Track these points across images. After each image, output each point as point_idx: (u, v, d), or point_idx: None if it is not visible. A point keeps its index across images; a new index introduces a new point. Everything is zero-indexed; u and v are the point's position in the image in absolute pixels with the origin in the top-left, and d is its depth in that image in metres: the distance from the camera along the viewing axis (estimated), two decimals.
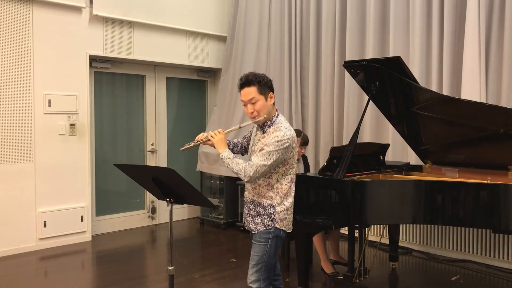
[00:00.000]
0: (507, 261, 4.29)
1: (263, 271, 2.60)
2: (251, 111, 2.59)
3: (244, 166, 2.53)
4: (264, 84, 2.59)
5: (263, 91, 2.58)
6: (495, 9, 4.27)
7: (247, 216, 2.72)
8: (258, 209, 2.63)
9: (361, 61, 3.49)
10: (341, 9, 5.41)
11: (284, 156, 2.54)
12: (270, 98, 2.60)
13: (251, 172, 2.50)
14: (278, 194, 2.60)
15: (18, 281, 4.10)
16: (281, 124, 2.58)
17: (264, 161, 2.49)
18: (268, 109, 2.60)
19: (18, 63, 4.87)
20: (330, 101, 5.54)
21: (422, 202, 3.16)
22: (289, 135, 2.53)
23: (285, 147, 2.51)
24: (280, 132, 2.52)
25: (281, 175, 2.60)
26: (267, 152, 2.50)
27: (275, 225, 2.59)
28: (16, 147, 4.87)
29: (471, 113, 3.37)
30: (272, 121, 2.62)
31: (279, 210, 2.59)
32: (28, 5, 4.91)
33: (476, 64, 4.22)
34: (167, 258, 4.72)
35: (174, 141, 6.43)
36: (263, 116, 2.58)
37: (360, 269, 3.78)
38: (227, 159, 2.58)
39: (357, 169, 3.79)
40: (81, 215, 5.29)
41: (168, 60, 6.09)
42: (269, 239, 2.59)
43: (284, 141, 2.50)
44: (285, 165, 2.59)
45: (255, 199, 2.66)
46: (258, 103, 2.57)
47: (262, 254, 2.60)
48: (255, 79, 2.57)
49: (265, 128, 2.63)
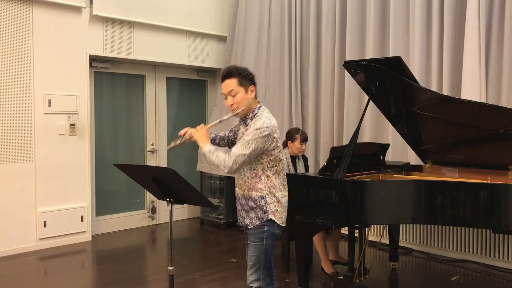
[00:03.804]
0: (507, 261, 4.29)
1: (262, 269, 2.60)
2: (230, 103, 2.60)
3: (224, 157, 2.52)
4: (244, 76, 2.59)
5: (243, 83, 2.58)
6: (495, 9, 4.27)
7: (241, 212, 2.72)
8: (250, 203, 2.62)
9: (361, 61, 3.48)
10: (341, 9, 5.41)
11: (265, 146, 2.52)
12: (251, 91, 2.61)
13: (230, 162, 2.50)
14: (266, 185, 2.58)
15: (18, 281, 4.10)
16: (262, 115, 2.58)
17: (242, 151, 2.48)
18: (248, 101, 2.60)
19: (18, 63, 4.87)
20: (330, 101, 5.54)
21: (422, 202, 3.16)
22: (268, 123, 2.52)
23: (264, 135, 2.49)
24: (260, 121, 2.52)
25: (266, 167, 2.58)
26: (246, 141, 2.49)
27: (269, 216, 2.58)
28: (16, 147, 4.87)
29: (471, 113, 3.37)
30: (253, 113, 2.62)
31: (269, 201, 2.58)
32: (28, 5, 4.91)
33: (476, 64, 4.22)
34: (167, 258, 4.72)
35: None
36: (241, 109, 2.58)
37: (360, 269, 3.77)
38: (208, 152, 2.57)
39: (357, 169, 3.79)
40: (81, 215, 5.29)
41: (168, 60, 6.09)
42: (264, 238, 2.59)
43: (263, 129, 2.49)
44: (269, 156, 2.57)
45: (245, 193, 2.65)
46: (238, 95, 2.57)
47: (258, 253, 2.60)
48: (236, 71, 2.59)
49: (247, 121, 2.64)
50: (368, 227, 3.76)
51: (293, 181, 3.42)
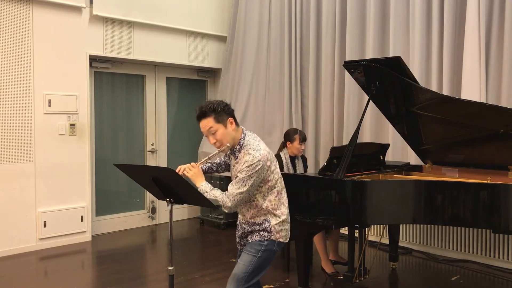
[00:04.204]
0: (507, 261, 4.29)
1: (243, 282, 2.51)
2: (213, 142, 2.54)
3: (222, 197, 2.49)
4: (220, 111, 2.50)
5: (220, 119, 2.50)
6: (495, 10, 4.27)
7: (242, 235, 2.65)
8: (253, 227, 2.58)
9: (361, 61, 3.49)
10: (341, 9, 5.41)
11: (260, 178, 2.48)
12: (230, 124, 2.52)
13: (228, 202, 2.47)
14: (269, 212, 2.54)
15: (18, 281, 4.10)
16: (249, 147, 2.50)
17: (239, 189, 2.45)
18: (231, 135, 2.52)
19: (18, 63, 4.87)
20: (330, 101, 5.54)
21: (422, 202, 3.16)
22: (258, 156, 2.44)
23: (257, 169, 2.43)
24: (249, 156, 2.45)
25: (267, 193, 2.54)
26: (240, 179, 2.45)
27: (271, 237, 2.53)
28: (16, 147, 4.87)
29: (471, 113, 3.37)
30: (240, 144, 2.54)
31: (274, 223, 2.54)
32: (28, 5, 4.91)
33: (476, 64, 4.22)
34: (167, 258, 4.72)
35: (174, 141, 6.44)
36: (226, 145, 2.53)
37: (360, 269, 3.77)
38: (204, 193, 2.52)
39: (357, 169, 3.79)
40: (81, 215, 5.29)
41: (168, 60, 6.09)
42: (260, 251, 2.52)
43: (254, 164, 2.42)
44: (267, 183, 2.52)
45: (249, 220, 2.61)
46: (218, 132, 2.50)
47: (248, 263, 2.50)
48: (210, 109, 2.49)
49: (236, 154, 2.57)
50: (368, 227, 3.76)
51: (293, 181, 3.43)
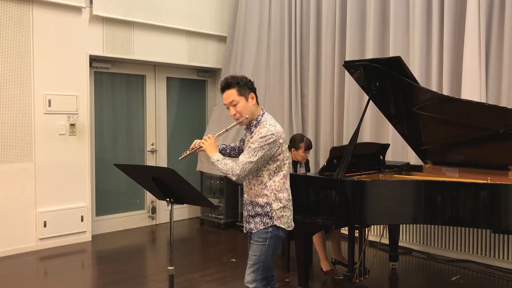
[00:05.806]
0: (507, 261, 4.29)
1: (260, 271, 2.62)
2: (233, 113, 2.67)
3: (232, 165, 2.58)
4: (243, 85, 2.63)
5: (243, 92, 2.63)
6: (495, 9, 4.27)
7: (246, 218, 2.74)
8: (256, 209, 2.65)
9: (361, 61, 3.49)
10: (341, 9, 5.41)
11: (271, 152, 2.57)
12: (251, 98, 2.65)
13: (237, 170, 2.55)
14: (272, 191, 2.62)
15: (18, 281, 4.10)
16: (266, 122, 2.63)
17: (249, 158, 2.53)
18: (251, 109, 2.65)
19: (18, 63, 4.87)
20: (330, 101, 5.54)
21: (422, 202, 3.16)
22: (273, 130, 2.56)
23: (270, 142, 2.54)
24: (264, 129, 2.57)
25: (273, 172, 2.62)
26: (252, 149, 2.54)
27: (274, 222, 2.61)
28: (16, 147, 4.87)
29: (471, 113, 3.37)
30: (257, 120, 2.67)
31: (275, 207, 2.61)
32: (28, 5, 4.91)
33: (476, 64, 4.22)
34: (167, 258, 4.72)
35: (174, 141, 6.43)
36: (245, 117, 2.64)
37: (360, 269, 3.77)
38: (216, 161, 2.63)
39: (357, 169, 3.79)
40: (81, 215, 5.29)
41: (168, 60, 6.09)
42: (267, 239, 2.61)
43: (268, 136, 2.53)
44: (275, 161, 2.61)
45: (252, 199, 2.68)
46: (239, 104, 2.63)
47: (260, 254, 2.61)
48: (234, 81, 2.63)
49: (252, 129, 2.68)
50: (368, 227, 3.76)
51: (293, 181, 3.43)
